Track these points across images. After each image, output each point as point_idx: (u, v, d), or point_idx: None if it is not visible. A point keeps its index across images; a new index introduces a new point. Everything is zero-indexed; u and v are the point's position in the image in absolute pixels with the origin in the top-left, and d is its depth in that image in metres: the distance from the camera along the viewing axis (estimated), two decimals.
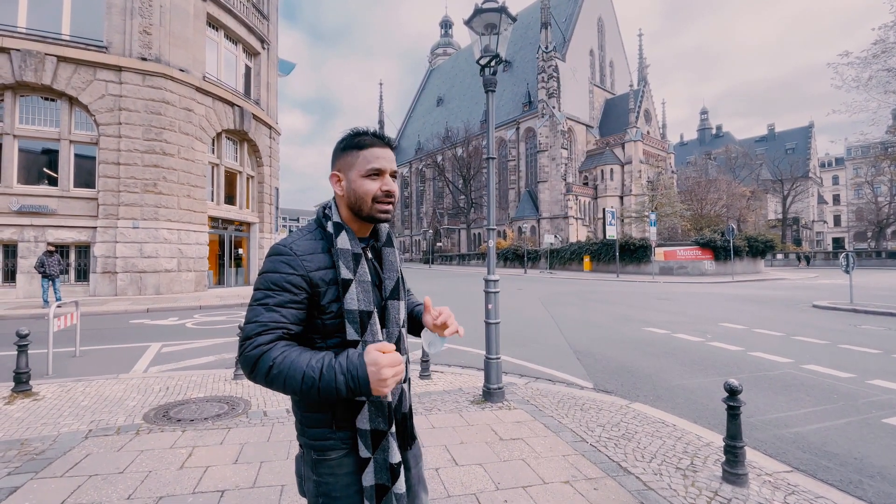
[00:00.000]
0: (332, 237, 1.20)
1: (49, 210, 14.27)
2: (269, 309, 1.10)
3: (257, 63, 21.22)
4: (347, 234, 1.21)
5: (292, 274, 1.13)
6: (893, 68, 13.53)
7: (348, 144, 1.23)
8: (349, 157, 1.22)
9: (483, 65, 4.62)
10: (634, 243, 30.75)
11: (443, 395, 4.75)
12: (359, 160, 1.21)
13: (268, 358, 1.04)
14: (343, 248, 1.19)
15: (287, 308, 1.11)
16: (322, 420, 1.18)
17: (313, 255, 1.18)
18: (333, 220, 1.23)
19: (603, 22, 64.99)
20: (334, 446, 1.17)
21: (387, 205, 1.23)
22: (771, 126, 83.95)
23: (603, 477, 2.98)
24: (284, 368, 1.03)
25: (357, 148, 1.22)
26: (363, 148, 1.21)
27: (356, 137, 1.22)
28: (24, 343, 4.78)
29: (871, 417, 4.22)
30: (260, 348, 1.06)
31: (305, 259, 1.16)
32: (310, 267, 1.15)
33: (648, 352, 7.00)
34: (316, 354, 1.06)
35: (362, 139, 1.22)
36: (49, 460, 3.18)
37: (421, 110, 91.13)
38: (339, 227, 1.22)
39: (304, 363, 1.03)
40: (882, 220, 57.84)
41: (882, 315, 10.90)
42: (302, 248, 1.18)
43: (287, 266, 1.13)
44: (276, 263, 1.14)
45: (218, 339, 8.18)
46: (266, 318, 1.09)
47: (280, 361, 1.04)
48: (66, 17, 14.87)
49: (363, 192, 1.20)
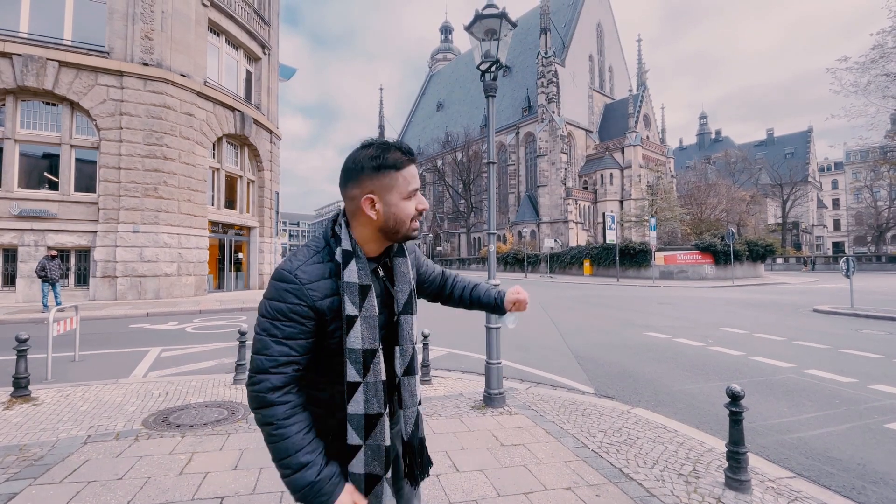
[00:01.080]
0: (340, 267, 1.12)
1: (49, 214, 14.28)
2: (279, 342, 1.05)
3: (258, 68, 21.32)
4: (357, 263, 1.12)
5: (298, 304, 1.06)
6: (892, 73, 13.57)
7: (383, 164, 1.10)
8: (386, 179, 1.11)
9: (483, 70, 4.63)
10: (634, 247, 30.76)
11: (443, 401, 4.73)
12: (399, 182, 1.12)
13: (272, 415, 1.04)
14: (350, 281, 1.10)
15: (296, 340, 1.07)
16: (325, 431, 1.16)
17: (320, 281, 1.10)
18: (343, 247, 1.13)
19: (602, 27, 65.36)
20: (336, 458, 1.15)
21: (418, 221, 1.18)
22: (770, 131, 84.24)
23: (605, 483, 2.96)
24: (276, 437, 1.04)
25: (395, 168, 1.11)
26: (401, 168, 1.12)
27: (389, 155, 1.11)
28: (24, 348, 4.76)
29: (874, 422, 4.20)
30: (270, 395, 1.04)
31: (311, 287, 1.08)
32: (315, 296, 1.08)
33: (650, 356, 6.98)
34: (308, 446, 1.05)
35: (398, 158, 1.11)
36: (48, 466, 3.16)
37: (421, 115, 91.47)
38: (348, 255, 1.12)
39: (293, 448, 1.04)
40: (882, 225, 57.90)
41: (883, 319, 10.88)
42: (308, 274, 1.09)
43: (292, 296, 1.06)
44: (280, 292, 1.07)
45: (218, 343, 8.17)
46: (276, 352, 1.05)
47: (277, 427, 1.04)
48: (68, 22, 14.96)
49: (405, 216, 1.14)
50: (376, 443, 1.12)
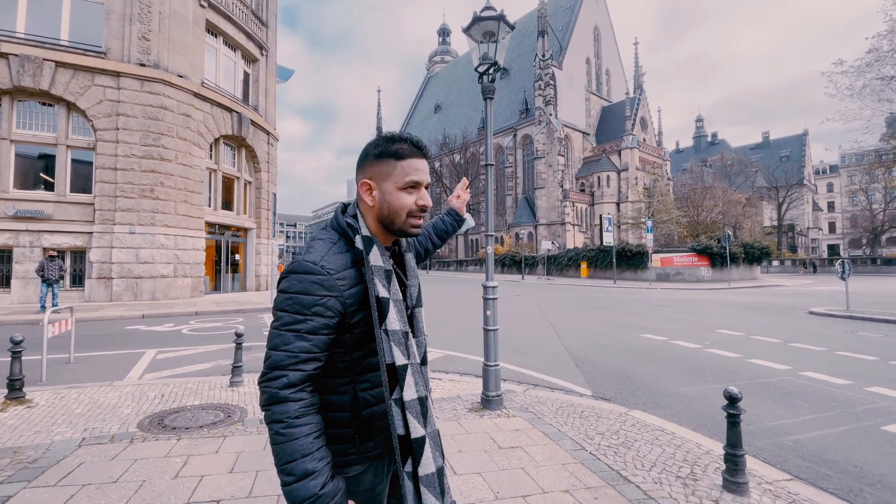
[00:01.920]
0: (364, 253, 1.10)
1: (45, 215, 14.19)
2: (300, 336, 1.01)
3: (256, 69, 21.30)
4: (378, 248, 1.11)
5: (327, 296, 1.04)
6: (887, 76, 13.66)
7: (384, 152, 1.13)
8: (384, 167, 1.13)
9: (482, 72, 4.64)
10: (631, 250, 30.84)
11: (441, 403, 4.72)
12: (396, 171, 1.12)
13: (283, 412, 0.99)
14: (376, 265, 1.09)
15: (318, 335, 1.03)
16: (345, 435, 1.11)
17: (345, 271, 1.08)
18: (363, 233, 1.12)
19: (599, 30, 65.64)
20: (356, 461, 1.13)
21: (419, 219, 1.16)
22: (766, 134, 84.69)
23: (603, 486, 2.96)
24: (284, 438, 0.98)
25: (395, 157, 1.12)
26: (401, 158, 1.12)
27: (393, 145, 1.12)
28: (18, 349, 4.73)
29: (870, 425, 4.21)
30: (284, 392, 0.99)
31: (339, 278, 1.06)
32: (343, 286, 1.06)
33: (647, 359, 6.99)
34: (316, 452, 0.98)
35: (401, 148, 1.12)
36: (42, 469, 3.13)
37: (419, 117, 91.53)
38: (369, 241, 1.11)
39: (300, 451, 0.97)
40: (877, 228, 58.21)
41: (879, 322, 10.94)
42: (333, 264, 1.07)
43: (321, 287, 1.03)
44: (307, 284, 1.03)
45: (214, 345, 8.13)
46: (296, 348, 1.01)
47: (287, 425, 0.98)
48: (65, 22, 14.91)
49: (399, 207, 1.12)
50: (433, 429, 1.09)
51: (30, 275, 13.81)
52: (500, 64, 4.60)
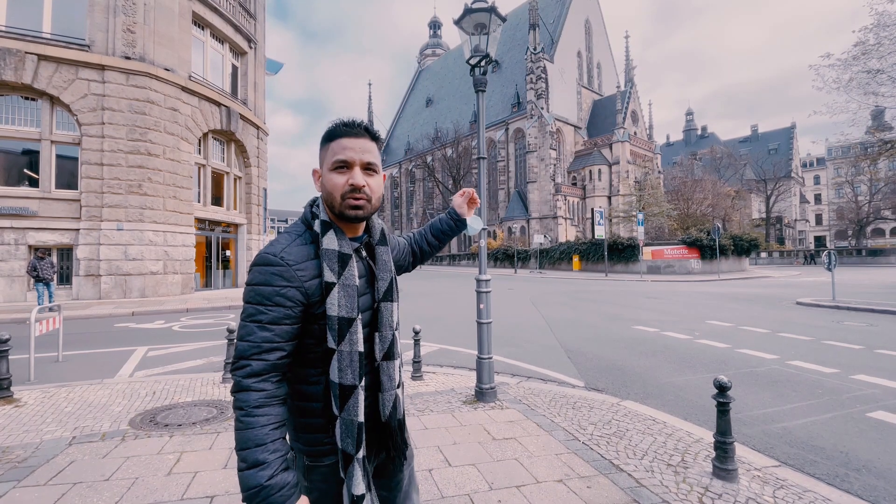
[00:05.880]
0: (319, 236, 1.14)
1: (30, 212, 13.93)
2: (263, 327, 1.04)
3: (244, 62, 21.00)
4: (335, 232, 1.14)
5: (287, 286, 1.06)
6: (873, 69, 13.85)
7: (323, 138, 1.17)
8: (323, 152, 1.17)
9: (473, 65, 4.61)
10: (623, 243, 31.07)
11: (435, 396, 4.74)
12: (328, 153, 1.15)
13: (244, 400, 1.01)
14: (329, 248, 1.12)
15: (281, 325, 1.05)
16: (318, 425, 1.14)
17: (306, 262, 1.11)
18: (321, 217, 1.16)
19: (590, 24, 65.53)
20: (330, 451, 1.14)
21: (357, 200, 1.13)
22: (755, 127, 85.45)
23: (596, 475, 2.99)
24: (242, 425, 1.00)
25: (328, 139, 1.15)
26: (332, 139, 1.15)
27: (330, 129, 1.16)
28: (5, 348, 4.66)
29: (856, 412, 4.30)
30: (247, 381, 1.02)
31: (299, 269, 1.09)
32: (304, 277, 1.08)
33: (638, 350, 7.07)
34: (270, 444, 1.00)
35: (331, 130, 1.15)
36: (32, 468, 3.10)
37: (410, 111, 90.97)
38: (326, 225, 1.15)
39: (254, 441, 0.99)
40: (862, 219, 59.17)
41: (863, 311, 11.15)
42: (294, 255, 1.10)
43: (280, 278, 1.06)
44: (267, 276, 1.06)
45: (205, 342, 8.07)
46: (259, 338, 1.03)
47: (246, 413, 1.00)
48: (48, 14, 14.55)
49: (331, 188, 1.14)
50: (349, 417, 1.10)
51: (15, 273, 13.58)
52: (491, 56, 4.57)
